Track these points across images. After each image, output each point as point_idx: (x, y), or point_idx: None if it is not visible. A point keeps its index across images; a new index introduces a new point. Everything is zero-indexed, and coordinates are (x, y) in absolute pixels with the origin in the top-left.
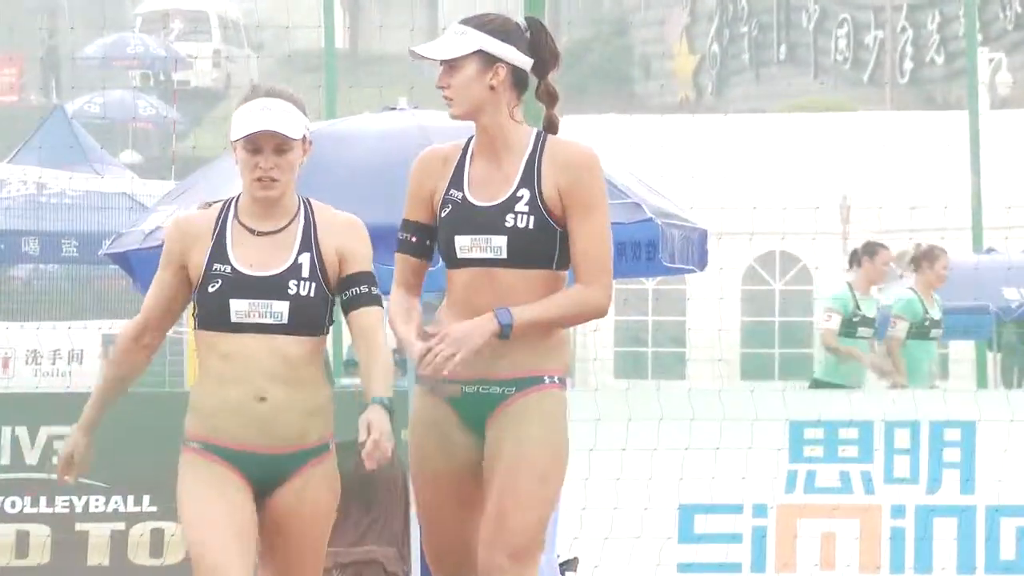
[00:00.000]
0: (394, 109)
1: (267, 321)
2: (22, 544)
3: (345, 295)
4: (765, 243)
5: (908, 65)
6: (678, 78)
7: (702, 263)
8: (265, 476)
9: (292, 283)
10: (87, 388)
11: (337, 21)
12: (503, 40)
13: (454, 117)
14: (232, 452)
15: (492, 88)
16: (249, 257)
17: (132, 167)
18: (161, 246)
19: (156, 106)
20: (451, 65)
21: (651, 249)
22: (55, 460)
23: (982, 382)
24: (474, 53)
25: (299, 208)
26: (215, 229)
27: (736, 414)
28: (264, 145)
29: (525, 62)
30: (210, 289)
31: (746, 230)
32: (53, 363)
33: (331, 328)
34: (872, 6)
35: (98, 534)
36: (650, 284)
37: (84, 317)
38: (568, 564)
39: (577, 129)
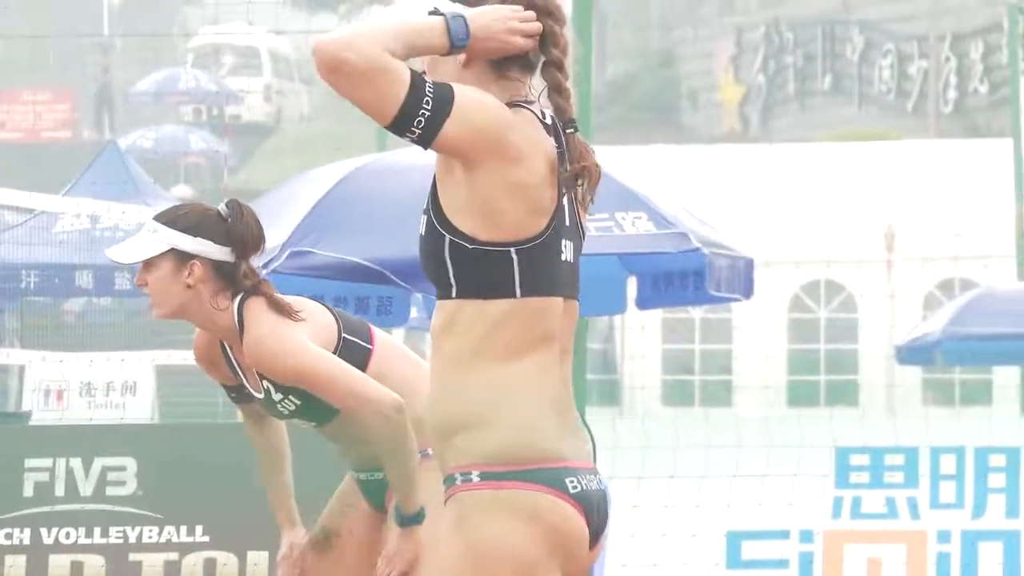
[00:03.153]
0: None
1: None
2: (77, 574)
3: None
4: (810, 271)
5: (952, 94)
6: (724, 109)
7: (748, 292)
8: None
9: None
10: (140, 420)
11: None
12: (195, 235)
13: (159, 317)
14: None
15: (189, 287)
16: None
17: (184, 201)
18: None
19: (208, 141)
20: (147, 264)
21: (698, 278)
22: (108, 491)
23: None
24: (167, 252)
25: None
26: None
27: (783, 441)
28: None
29: (223, 252)
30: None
31: (792, 258)
32: (107, 395)
33: None
34: (916, 36)
35: (152, 564)
36: (697, 313)
37: (137, 348)
38: None
39: (624, 160)
